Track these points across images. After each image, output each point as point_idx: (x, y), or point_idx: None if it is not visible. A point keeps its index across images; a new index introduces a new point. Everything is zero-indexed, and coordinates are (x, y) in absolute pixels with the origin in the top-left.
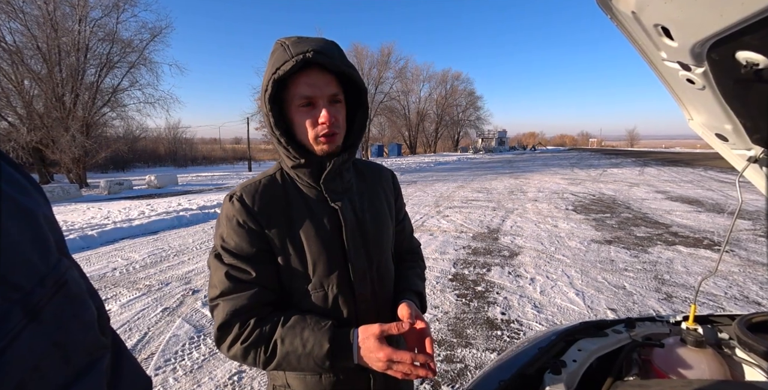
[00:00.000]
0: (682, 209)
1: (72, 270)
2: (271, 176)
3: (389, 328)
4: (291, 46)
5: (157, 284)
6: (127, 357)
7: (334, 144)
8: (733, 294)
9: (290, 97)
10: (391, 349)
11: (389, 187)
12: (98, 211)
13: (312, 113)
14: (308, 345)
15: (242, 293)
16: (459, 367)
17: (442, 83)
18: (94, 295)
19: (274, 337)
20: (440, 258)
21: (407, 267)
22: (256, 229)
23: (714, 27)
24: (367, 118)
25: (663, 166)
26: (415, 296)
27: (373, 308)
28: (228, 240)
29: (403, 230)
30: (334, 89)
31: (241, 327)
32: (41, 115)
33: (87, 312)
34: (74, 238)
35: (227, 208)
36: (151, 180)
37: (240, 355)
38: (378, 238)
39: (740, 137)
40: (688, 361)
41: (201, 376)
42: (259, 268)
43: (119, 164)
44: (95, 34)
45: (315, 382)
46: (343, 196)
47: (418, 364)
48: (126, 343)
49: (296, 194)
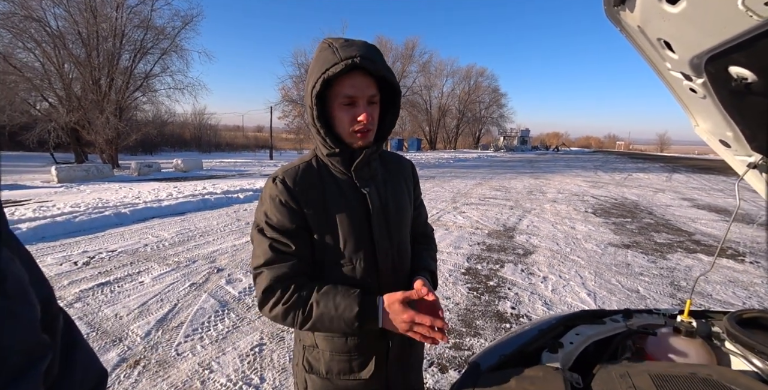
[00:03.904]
0: (708, 218)
1: (12, 262)
2: (308, 162)
3: (410, 294)
4: (340, 50)
5: (185, 261)
6: (81, 348)
7: (367, 139)
8: (752, 304)
9: (334, 95)
10: (414, 312)
11: (409, 176)
12: (129, 190)
13: (352, 111)
14: (340, 308)
15: (283, 263)
16: (467, 354)
17: (465, 79)
18: (41, 283)
19: (311, 300)
20: (454, 252)
21: (422, 249)
22: (296, 208)
23: (705, 44)
24: (397, 117)
25: (693, 173)
26: (428, 274)
27: (392, 280)
28: (271, 216)
29: (420, 215)
30: (373, 91)
31: (283, 291)
32: (79, 98)
33: (27, 310)
34: (109, 215)
35: (271, 188)
36: (177, 164)
37: (281, 315)
38: (399, 221)
39: (741, 144)
40: (678, 349)
41: (225, 346)
42: (297, 242)
43: (148, 147)
44: (131, 21)
45: (341, 344)
46: (370, 182)
47: (435, 329)
48: (158, 313)
49: (330, 179)
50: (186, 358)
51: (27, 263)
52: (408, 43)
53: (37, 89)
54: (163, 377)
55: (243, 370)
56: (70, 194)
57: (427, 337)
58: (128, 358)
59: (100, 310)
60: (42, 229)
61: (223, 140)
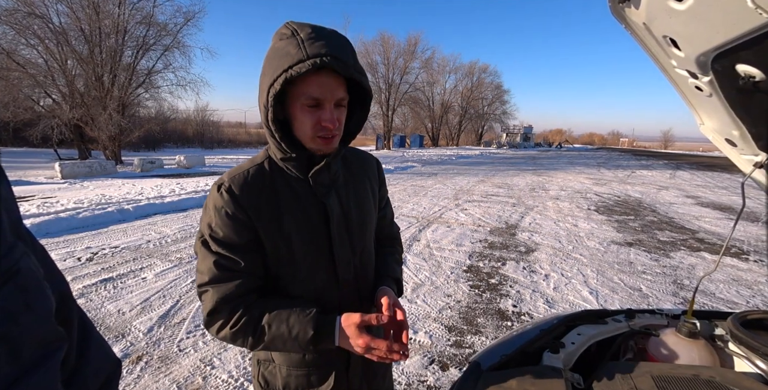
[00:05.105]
0: (712, 216)
1: (27, 256)
2: (260, 165)
3: (369, 319)
4: (306, 44)
5: (187, 257)
6: (94, 339)
7: (331, 145)
8: (755, 303)
9: (296, 94)
10: (369, 338)
11: (374, 176)
12: (132, 187)
13: (317, 114)
14: (294, 330)
15: (230, 282)
16: (468, 352)
17: (468, 75)
18: (56, 278)
19: (262, 322)
20: (456, 249)
21: (386, 252)
22: (245, 220)
23: (713, 42)
24: (365, 120)
25: (697, 170)
26: (393, 282)
27: (355, 291)
28: (216, 230)
29: (385, 217)
30: (341, 94)
31: (231, 313)
32: (82, 94)
33: (42, 302)
34: (112, 212)
35: (215, 198)
36: (180, 160)
37: (229, 338)
38: (361, 228)
39: (747, 143)
40: (680, 350)
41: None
42: (247, 257)
43: (150, 144)
44: (133, 17)
45: (298, 359)
46: (330, 188)
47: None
48: (161, 309)
49: (284, 184)
50: (188, 354)
51: (42, 259)
52: (411, 39)
53: (40, 86)
54: (165, 373)
55: (245, 366)
56: (73, 190)
57: (385, 358)
58: (131, 353)
59: (103, 306)
60: (46, 225)
61: (226, 137)
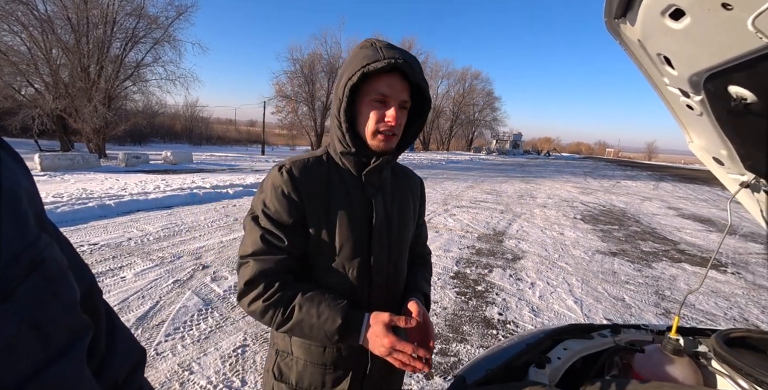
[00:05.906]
0: (693, 227)
1: (51, 247)
2: (318, 157)
3: (398, 320)
4: (384, 49)
5: (170, 257)
6: (120, 329)
7: (390, 144)
8: (732, 315)
9: (367, 90)
10: (396, 338)
11: (417, 193)
12: (116, 182)
13: (382, 110)
14: (323, 317)
15: (272, 256)
16: (453, 361)
17: (460, 81)
18: (82, 271)
19: (294, 302)
20: (443, 255)
21: (417, 270)
22: (297, 202)
23: (706, 62)
24: (422, 129)
25: (679, 182)
26: (422, 296)
27: (384, 298)
28: (270, 206)
29: (420, 235)
30: (406, 97)
31: (267, 287)
32: (66, 85)
33: (67, 291)
34: (92, 207)
35: (275, 176)
36: (167, 156)
37: (259, 311)
38: (400, 236)
39: (734, 163)
40: (665, 367)
41: (207, 346)
42: (291, 237)
43: (137, 138)
44: (123, 8)
45: (318, 354)
46: (378, 191)
47: (415, 356)
48: (139, 310)
49: (338, 178)
50: (166, 358)
51: (68, 251)
52: (405, 43)
53: (22, 74)
54: None
55: (224, 372)
56: (53, 183)
57: (407, 364)
58: None
59: None
60: None
61: (215, 133)
